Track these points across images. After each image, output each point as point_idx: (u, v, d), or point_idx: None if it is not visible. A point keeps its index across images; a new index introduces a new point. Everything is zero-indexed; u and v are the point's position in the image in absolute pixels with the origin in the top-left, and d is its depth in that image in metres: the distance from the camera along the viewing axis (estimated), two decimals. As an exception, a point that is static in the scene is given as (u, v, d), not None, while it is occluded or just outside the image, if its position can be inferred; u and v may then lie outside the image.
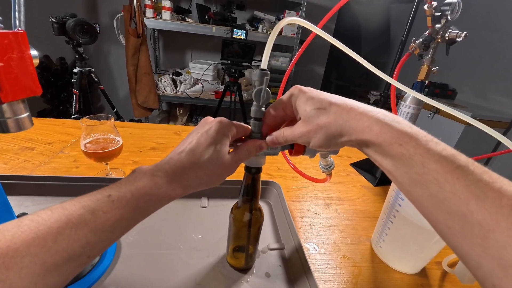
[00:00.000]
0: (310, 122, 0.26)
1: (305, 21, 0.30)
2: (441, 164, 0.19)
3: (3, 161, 0.63)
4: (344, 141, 0.25)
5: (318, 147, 0.26)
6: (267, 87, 0.28)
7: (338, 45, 0.33)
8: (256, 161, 0.32)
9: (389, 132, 0.22)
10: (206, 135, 0.27)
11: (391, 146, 0.22)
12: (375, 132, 0.22)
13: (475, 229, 0.17)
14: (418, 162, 0.20)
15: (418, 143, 0.21)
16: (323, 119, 0.25)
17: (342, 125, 0.24)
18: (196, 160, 0.26)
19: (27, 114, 0.28)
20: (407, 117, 0.67)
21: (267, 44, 0.28)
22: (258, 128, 0.30)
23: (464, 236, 0.18)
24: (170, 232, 0.46)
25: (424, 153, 0.20)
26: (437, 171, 0.19)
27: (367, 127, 0.23)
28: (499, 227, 0.16)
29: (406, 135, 0.21)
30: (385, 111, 0.24)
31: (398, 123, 0.22)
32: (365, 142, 0.23)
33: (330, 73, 3.10)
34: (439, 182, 0.19)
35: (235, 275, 0.40)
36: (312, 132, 0.25)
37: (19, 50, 0.24)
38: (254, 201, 0.35)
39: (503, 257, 0.16)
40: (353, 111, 0.24)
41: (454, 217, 0.18)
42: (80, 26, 1.16)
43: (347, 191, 0.67)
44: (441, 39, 0.59)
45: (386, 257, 0.47)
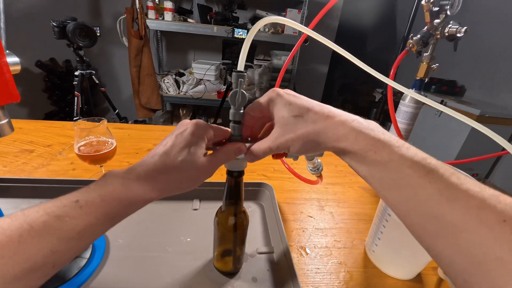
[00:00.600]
0: (288, 130, 0.26)
1: (286, 19, 0.29)
2: (414, 169, 0.20)
3: (3, 164, 0.65)
4: (322, 148, 0.25)
5: (297, 153, 0.26)
6: (243, 89, 0.27)
7: (326, 43, 0.32)
8: (237, 164, 0.31)
9: (364, 140, 0.23)
10: (181, 137, 0.27)
11: (367, 153, 0.23)
12: (351, 141, 0.23)
13: (448, 229, 0.18)
14: (392, 168, 0.21)
15: (391, 150, 0.22)
16: (301, 127, 0.25)
17: (319, 134, 0.25)
18: (170, 162, 0.26)
19: (6, 120, 0.28)
20: (407, 116, 0.65)
21: (243, 45, 0.28)
22: (238, 131, 0.30)
23: (437, 236, 0.19)
24: (159, 234, 0.46)
25: (398, 159, 0.21)
26: (411, 176, 0.20)
27: (343, 136, 0.24)
28: (469, 226, 0.18)
29: (380, 142, 0.22)
30: (360, 119, 0.24)
31: (372, 131, 0.23)
32: (342, 150, 0.24)
33: (334, 71, 3.06)
34: (413, 186, 0.20)
35: (221, 279, 0.39)
36: (290, 141, 0.26)
37: (-8, 57, 0.24)
38: (238, 204, 0.34)
39: (474, 254, 0.17)
40: (329, 120, 0.24)
41: (428, 219, 0.19)
42: (80, 29, 1.18)
43: (344, 192, 0.66)
44: (441, 35, 0.57)
45: (380, 262, 0.45)
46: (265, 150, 0.28)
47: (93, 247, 0.42)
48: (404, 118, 0.66)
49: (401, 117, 0.66)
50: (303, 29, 0.30)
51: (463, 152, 1.84)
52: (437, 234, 0.19)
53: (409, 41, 0.59)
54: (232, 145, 0.29)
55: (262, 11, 2.11)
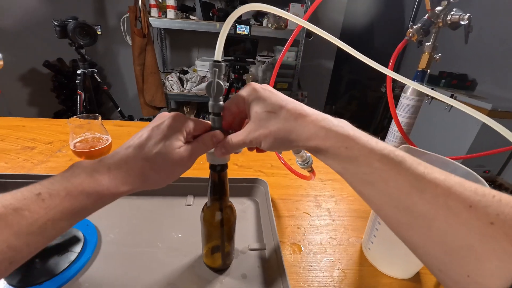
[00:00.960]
0: (260, 126, 0.25)
1: (265, 5, 0.28)
2: (383, 162, 0.21)
3: (4, 161, 0.66)
4: (293, 146, 0.25)
5: (269, 149, 0.26)
6: (219, 80, 0.26)
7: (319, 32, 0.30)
8: (219, 158, 0.30)
9: (334, 137, 0.23)
10: (158, 129, 0.26)
11: (339, 149, 0.23)
12: (321, 138, 0.23)
13: (419, 220, 0.19)
14: (364, 163, 0.22)
15: (361, 145, 0.22)
16: (273, 123, 0.25)
17: (290, 132, 0.24)
18: (144, 155, 0.24)
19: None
20: (408, 110, 0.63)
21: (220, 33, 0.27)
22: (218, 124, 0.29)
23: (411, 227, 0.19)
24: (151, 230, 0.46)
25: (368, 153, 0.22)
26: (381, 169, 0.21)
27: (313, 134, 0.24)
28: (439, 215, 0.18)
29: (349, 139, 0.23)
30: (330, 117, 0.25)
31: (342, 127, 0.23)
32: (314, 148, 0.24)
33: (340, 67, 3.00)
34: (384, 179, 0.20)
35: (210, 275, 0.39)
36: (262, 136, 0.25)
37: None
38: (223, 199, 0.34)
39: (446, 243, 0.17)
40: (300, 118, 0.24)
41: (401, 211, 0.20)
42: (80, 28, 1.20)
43: (342, 188, 0.64)
44: (443, 23, 0.54)
45: (375, 260, 0.44)
46: (238, 143, 0.27)
47: (84, 241, 0.42)
48: (406, 112, 0.63)
49: (402, 111, 0.63)
50: (291, 17, 0.29)
51: (474, 148, 1.78)
52: (410, 225, 0.19)
53: (408, 30, 0.56)
54: (208, 134, 0.28)
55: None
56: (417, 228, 0.19)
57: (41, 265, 0.38)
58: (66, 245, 0.41)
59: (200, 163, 0.70)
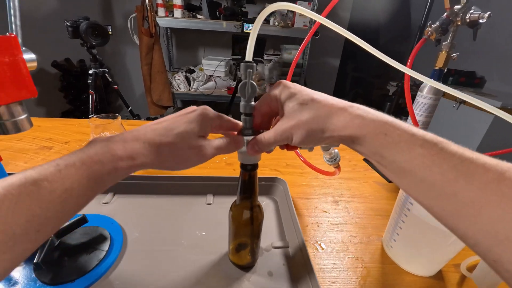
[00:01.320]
0: (292, 118, 0.25)
1: (296, 6, 0.28)
2: (426, 147, 0.20)
3: (24, 160, 0.67)
4: (326, 137, 0.24)
5: (300, 144, 0.26)
6: (252, 80, 0.27)
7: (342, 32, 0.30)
8: (250, 157, 0.30)
9: (371, 123, 0.22)
10: (185, 116, 0.27)
11: (377, 136, 0.22)
12: (357, 126, 0.23)
13: (467, 207, 0.18)
14: (404, 149, 0.21)
15: (402, 131, 0.21)
16: (305, 114, 0.24)
17: (324, 121, 0.24)
18: (163, 132, 0.25)
19: (25, 115, 0.29)
20: (424, 108, 0.63)
21: (250, 34, 0.27)
22: (249, 124, 0.29)
23: (458, 216, 0.18)
24: (174, 228, 0.47)
25: (409, 139, 0.21)
26: (423, 155, 0.20)
27: (348, 122, 0.23)
28: (489, 202, 0.17)
29: (388, 125, 0.22)
30: (363, 107, 0.24)
31: (379, 114, 0.23)
32: (349, 137, 0.23)
33: (346, 65, 2.99)
34: (427, 165, 0.19)
35: (237, 273, 0.39)
36: (294, 128, 0.25)
37: (11, 54, 0.25)
38: (252, 198, 0.34)
39: (498, 231, 0.16)
40: (334, 107, 0.24)
41: (446, 198, 0.19)
42: (92, 28, 1.20)
43: (358, 187, 0.64)
44: (461, 21, 0.54)
45: (398, 258, 0.44)
46: (270, 140, 0.27)
47: (111, 241, 0.43)
48: (422, 110, 0.63)
49: (419, 109, 0.63)
50: (316, 16, 0.29)
51: (482, 148, 1.76)
52: (457, 213, 0.18)
53: (427, 29, 0.56)
54: (230, 136, 0.29)
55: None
56: (464, 217, 0.18)
57: (71, 263, 0.39)
58: (94, 243, 0.42)
59: (216, 162, 0.71)
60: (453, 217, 0.18)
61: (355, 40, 0.30)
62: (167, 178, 0.55)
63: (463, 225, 0.18)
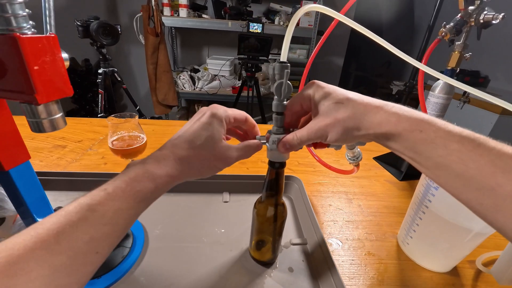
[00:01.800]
0: (328, 116, 0.26)
1: (326, 8, 0.29)
2: (463, 143, 0.20)
3: (39, 159, 0.68)
4: (362, 135, 0.25)
5: (335, 142, 0.26)
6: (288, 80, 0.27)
7: (364, 31, 0.31)
8: (279, 155, 0.31)
9: (407, 121, 0.23)
10: (200, 124, 0.28)
11: (412, 133, 0.22)
12: (393, 123, 0.23)
13: (506, 201, 0.18)
14: (440, 145, 0.21)
15: (437, 127, 0.21)
16: (341, 112, 0.25)
17: (360, 119, 0.25)
18: (188, 147, 0.27)
19: (60, 114, 0.29)
20: (436, 108, 0.64)
21: (286, 35, 0.28)
22: (280, 122, 0.30)
23: (497, 210, 0.18)
24: (193, 226, 0.47)
25: (445, 135, 0.21)
26: (460, 150, 0.20)
27: (384, 119, 0.24)
28: None
29: (424, 122, 0.22)
30: (398, 105, 0.25)
31: (415, 112, 0.23)
32: (384, 134, 0.24)
33: (349, 64, 2.99)
34: (464, 161, 0.20)
35: (258, 269, 0.40)
36: (329, 126, 0.26)
37: (52, 53, 0.25)
38: (277, 196, 0.35)
39: None
40: (369, 105, 0.25)
41: (484, 193, 0.19)
42: (103, 28, 1.21)
43: (370, 185, 0.65)
44: (475, 22, 0.55)
45: (414, 255, 0.45)
46: (302, 138, 0.28)
47: (133, 238, 0.43)
48: (434, 110, 0.64)
49: (430, 109, 0.64)
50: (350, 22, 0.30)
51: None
52: (496, 207, 0.18)
53: (441, 30, 0.57)
54: (252, 141, 0.31)
55: (276, 4, 2.08)
56: (504, 210, 0.18)
57: (96, 258, 0.40)
58: (117, 239, 0.43)
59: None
60: (492, 211, 0.19)
61: (378, 41, 0.31)
62: (184, 176, 0.55)
63: (503, 218, 0.18)
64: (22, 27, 0.24)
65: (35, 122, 0.28)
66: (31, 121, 0.28)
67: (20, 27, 0.24)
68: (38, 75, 0.24)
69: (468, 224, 0.37)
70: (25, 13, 0.24)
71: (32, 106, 0.26)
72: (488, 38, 2.11)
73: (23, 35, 0.23)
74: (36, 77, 0.24)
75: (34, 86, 0.24)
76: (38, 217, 0.39)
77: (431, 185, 0.39)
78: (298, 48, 2.10)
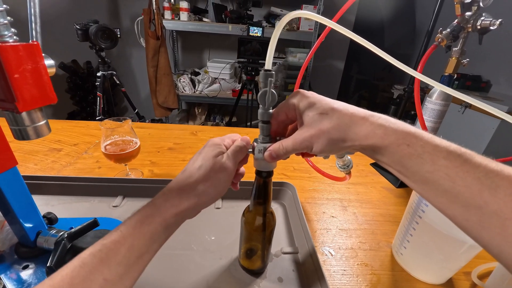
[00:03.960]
0: (312, 127, 0.25)
1: (315, 14, 0.28)
2: (450, 159, 0.20)
3: (34, 162, 0.68)
4: (347, 146, 0.25)
5: (320, 153, 0.26)
6: (272, 89, 0.27)
7: (354, 38, 0.30)
8: (266, 164, 0.31)
9: (393, 134, 0.22)
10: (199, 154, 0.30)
11: (399, 147, 0.22)
12: (380, 136, 0.23)
13: (492, 219, 0.18)
14: (428, 160, 0.21)
15: (424, 142, 0.21)
16: (326, 123, 0.25)
17: (345, 130, 0.24)
18: (189, 173, 0.28)
19: (44, 121, 0.29)
20: (433, 114, 0.63)
21: (270, 42, 0.27)
22: (266, 131, 0.29)
23: (482, 227, 0.19)
24: (184, 232, 0.47)
25: (432, 150, 0.21)
26: (447, 166, 0.20)
27: (370, 132, 0.23)
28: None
29: (411, 135, 0.22)
30: (384, 116, 0.24)
31: (401, 124, 0.23)
32: (371, 146, 0.23)
33: (350, 67, 2.99)
34: (451, 177, 0.20)
35: (247, 278, 0.39)
36: (314, 137, 0.25)
37: (34, 61, 0.25)
38: (266, 204, 0.34)
39: None
40: (354, 117, 0.24)
41: (471, 210, 0.19)
42: (102, 31, 1.22)
43: (366, 192, 0.64)
44: (472, 28, 0.54)
45: (408, 265, 0.44)
46: (287, 148, 0.27)
47: (122, 244, 0.43)
48: (431, 116, 0.63)
49: (428, 115, 0.63)
50: (338, 27, 0.29)
51: (488, 153, 1.74)
52: (481, 224, 0.18)
53: (437, 36, 0.56)
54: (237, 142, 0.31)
55: (277, 8, 2.08)
56: (489, 228, 0.18)
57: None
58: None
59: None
60: (477, 228, 0.19)
61: (371, 48, 0.30)
62: (177, 182, 0.55)
63: (487, 235, 0.18)
64: (3, 35, 0.24)
65: (17, 129, 0.27)
66: (13, 128, 0.27)
67: (1, 35, 0.23)
68: (18, 83, 0.24)
69: (462, 236, 0.36)
70: (6, 21, 0.24)
71: (14, 114, 0.26)
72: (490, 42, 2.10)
73: (4, 43, 0.23)
74: (16, 86, 0.24)
75: (15, 94, 0.24)
76: (25, 222, 0.38)
77: (425, 194, 0.39)
78: (298, 52, 2.10)
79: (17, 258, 0.40)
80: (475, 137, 1.81)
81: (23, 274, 0.38)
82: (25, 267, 0.39)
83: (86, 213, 0.50)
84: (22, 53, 0.24)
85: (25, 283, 0.37)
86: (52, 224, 0.44)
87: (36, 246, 0.40)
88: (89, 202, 0.53)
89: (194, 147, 0.79)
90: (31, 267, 0.39)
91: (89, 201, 0.53)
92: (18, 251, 0.40)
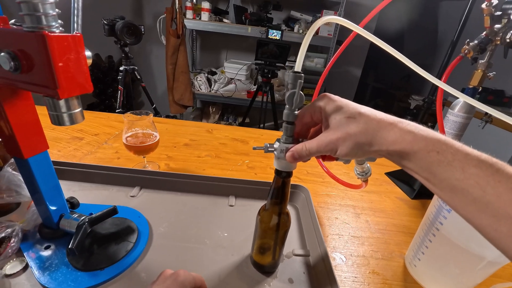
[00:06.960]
0: (339, 130, 0.25)
1: (345, 20, 0.29)
2: (481, 168, 0.20)
3: (57, 149, 0.71)
4: (373, 151, 0.25)
5: (345, 156, 0.26)
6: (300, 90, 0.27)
7: (383, 46, 0.31)
8: (287, 165, 0.31)
9: (423, 140, 0.22)
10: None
11: (428, 154, 0.22)
12: (409, 141, 0.23)
13: None
14: (458, 168, 0.20)
15: (455, 149, 0.21)
16: (353, 127, 0.25)
17: (373, 135, 0.24)
18: None
19: (79, 109, 0.31)
20: (455, 127, 0.62)
21: (302, 45, 0.28)
22: (290, 132, 0.30)
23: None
24: (198, 227, 0.48)
25: (463, 158, 0.21)
26: (478, 175, 0.20)
27: (399, 137, 0.23)
28: None
29: (441, 143, 0.22)
30: (413, 123, 0.24)
31: (431, 131, 0.23)
32: (399, 152, 0.23)
33: (367, 75, 2.94)
34: (481, 186, 0.19)
35: (258, 276, 0.40)
36: (340, 140, 0.25)
37: (76, 51, 0.27)
38: (282, 205, 0.35)
39: None
40: (383, 122, 0.24)
41: (501, 220, 0.19)
42: (127, 27, 1.26)
43: (380, 201, 0.63)
44: (501, 41, 0.53)
45: (421, 278, 0.43)
46: (311, 150, 0.27)
47: (138, 233, 0.44)
48: (452, 129, 0.62)
49: (449, 127, 0.62)
50: (368, 35, 0.29)
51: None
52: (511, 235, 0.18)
53: (464, 47, 0.55)
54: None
55: (297, 12, 2.09)
56: None
57: (101, 251, 0.41)
58: (123, 234, 0.44)
59: (238, 164, 0.72)
60: (507, 239, 0.18)
61: (397, 56, 0.30)
62: (192, 177, 0.56)
63: None
64: (51, 26, 0.25)
65: (55, 115, 0.29)
66: (52, 114, 0.29)
67: (49, 26, 0.25)
68: (62, 71, 0.25)
69: (481, 251, 0.35)
70: (54, 12, 0.25)
71: (54, 100, 0.28)
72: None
73: (52, 33, 0.24)
74: (60, 73, 0.25)
75: (58, 81, 0.25)
76: (50, 205, 0.40)
77: (444, 207, 0.38)
78: (316, 57, 2.10)
79: (40, 238, 0.42)
80: (495, 153, 1.74)
81: (44, 253, 0.39)
82: (47, 247, 0.40)
83: (105, 201, 0.52)
84: (67, 43, 0.25)
85: (46, 262, 0.38)
86: (74, 209, 0.46)
87: (59, 228, 0.41)
88: (108, 190, 0.55)
89: (209, 145, 0.81)
90: (52, 247, 0.41)
91: (108, 189, 0.55)
92: (41, 231, 0.42)
